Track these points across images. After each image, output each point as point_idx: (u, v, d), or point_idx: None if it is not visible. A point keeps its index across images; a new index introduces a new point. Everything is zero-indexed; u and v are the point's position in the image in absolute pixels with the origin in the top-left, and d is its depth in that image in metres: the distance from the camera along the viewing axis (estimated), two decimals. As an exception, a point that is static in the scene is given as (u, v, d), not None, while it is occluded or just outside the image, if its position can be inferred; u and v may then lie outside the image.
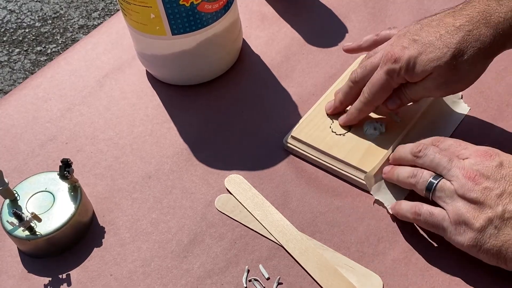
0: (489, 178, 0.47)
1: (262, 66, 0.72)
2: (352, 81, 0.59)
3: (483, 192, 0.47)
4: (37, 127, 0.68)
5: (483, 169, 0.48)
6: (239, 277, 0.53)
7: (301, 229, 0.55)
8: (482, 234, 0.46)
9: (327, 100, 0.63)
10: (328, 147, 0.59)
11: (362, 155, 0.58)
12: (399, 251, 0.53)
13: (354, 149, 0.58)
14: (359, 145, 0.59)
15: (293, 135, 0.61)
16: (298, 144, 0.61)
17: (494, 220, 0.46)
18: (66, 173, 0.55)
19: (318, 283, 0.51)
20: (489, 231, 0.46)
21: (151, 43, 0.64)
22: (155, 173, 0.61)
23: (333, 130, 0.61)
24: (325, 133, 0.61)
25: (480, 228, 0.46)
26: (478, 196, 0.47)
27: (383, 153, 0.57)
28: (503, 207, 0.46)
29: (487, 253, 0.47)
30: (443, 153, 0.51)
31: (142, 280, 0.53)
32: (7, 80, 1.95)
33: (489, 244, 0.46)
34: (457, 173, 0.49)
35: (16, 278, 0.54)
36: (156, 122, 0.67)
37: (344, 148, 0.59)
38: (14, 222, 0.53)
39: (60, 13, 2.18)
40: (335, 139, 0.60)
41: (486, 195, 0.47)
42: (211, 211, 0.58)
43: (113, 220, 0.58)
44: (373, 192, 0.56)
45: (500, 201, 0.46)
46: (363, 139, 0.59)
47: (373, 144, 0.59)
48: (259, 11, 0.79)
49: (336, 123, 0.61)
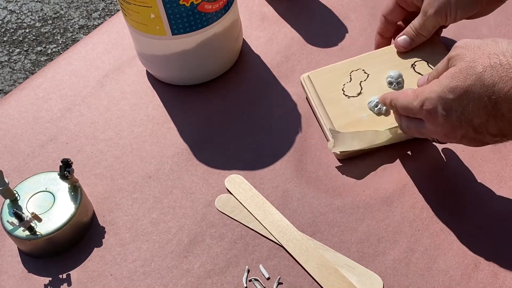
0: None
1: (262, 66, 0.72)
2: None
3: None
4: (37, 127, 0.68)
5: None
6: (239, 277, 0.53)
7: (301, 229, 0.55)
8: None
9: (360, 59, 0.65)
10: (329, 102, 0.61)
11: (348, 123, 0.59)
12: (399, 251, 0.53)
13: (347, 114, 0.60)
14: (354, 113, 0.60)
15: (310, 75, 0.63)
16: (309, 84, 0.64)
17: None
18: (66, 173, 0.55)
19: (318, 283, 0.51)
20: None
21: (151, 43, 0.64)
22: (155, 173, 0.61)
23: (343, 89, 0.62)
24: (335, 89, 0.62)
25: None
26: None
27: (364, 128, 0.59)
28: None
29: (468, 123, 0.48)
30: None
31: (142, 280, 0.53)
32: (7, 80, 1.95)
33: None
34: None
35: (16, 278, 0.54)
36: (156, 122, 0.67)
37: (339, 108, 0.61)
38: (14, 222, 0.53)
39: (60, 13, 2.18)
40: (339, 97, 0.62)
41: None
42: (211, 211, 0.58)
43: (113, 220, 0.58)
44: (332, 143, 0.59)
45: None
46: (361, 110, 0.61)
47: (367, 118, 0.60)
48: (259, 11, 0.79)
49: (349, 85, 0.62)
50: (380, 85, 0.62)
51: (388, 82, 0.62)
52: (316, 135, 0.63)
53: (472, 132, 0.48)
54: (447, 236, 0.54)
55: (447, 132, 0.49)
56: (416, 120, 0.52)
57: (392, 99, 0.55)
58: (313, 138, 0.63)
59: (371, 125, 0.59)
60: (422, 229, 0.54)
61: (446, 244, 0.53)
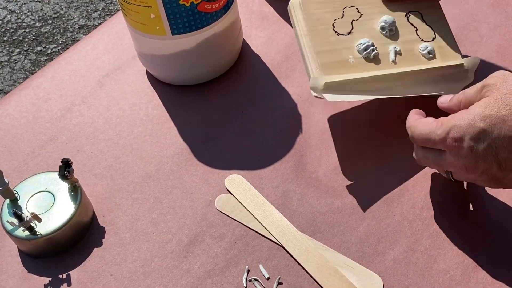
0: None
1: (262, 66, 0.72)
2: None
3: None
4: (37, 127, 0.68)
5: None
6: (239, 277, 0.53)
7: (301, 229, 0.55)
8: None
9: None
10: (316, 35, 0.58)
11: (333, 62, 0.57)
12: (399, 251, 0.53)
13: (333, 52, 0.58)
14: (341, 53, 0.58)
15: (301, 1, 0.60)
16: (298, 12, 0.60)
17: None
18: (66, 173, 0.55)
19: (318, 283, 0.51)
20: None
21: (151, 43, 0.64)
22: (155, 173, 0.61)
23: (334, 25, 0.60)
24: (325, 22, 0.60)
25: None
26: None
27: (350, 72, 0.57)
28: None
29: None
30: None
31: (142, 280, 0.53)
32: (7, 80, 1.95)
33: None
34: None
35: (16, 278, 0.54)
36: (156, 122, 0.67)
37: (326, 45, 0.58)
38: (14, 222, 0.53)
39: (60, 13, 2.18)
40: (328, 33, 0.59)
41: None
42: (211, 211, 0.58)
43: (113, 220, 0.58)
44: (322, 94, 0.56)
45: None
46: (349, 51, 0.58)
47: (355, 61, 0.58)
48: (259, 11, 0.79)
49: (340, 21, 0.60)
50: (371, 28, 0.61)
51: (381, 27, 0.61)
52: (316, 135, 0.63)
53: (496, 168, 0.46)
54: (447, 236, 0.53)
55: (469, 165, 0.47)
56: (435, 150, 0.50)
57: (409, 127, 0.52)
58: (313, 138, 0.63)
59: (357, 69, 0.57)
60: (422, 229, 0.54)
61: (446, 244, 0.53)
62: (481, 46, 0.70)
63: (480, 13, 0.75)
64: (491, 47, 0.70)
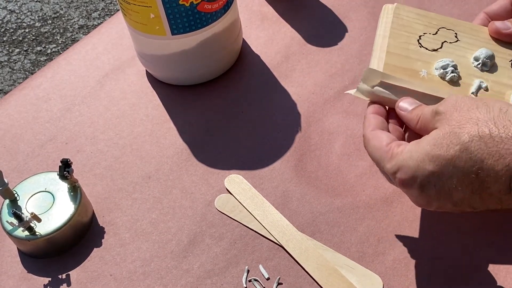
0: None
1: (262, 66, 0.72)
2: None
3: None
4: (37, 127, 0.67)
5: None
6: (239, 277, 0.53)
7: (301, 229, 0.55)
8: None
9: (459, 22, 0.55)
10: (396, 37, 0.53)
11: (400, 67, 0.50)
12: (399, 251, 0.53)
13: (405, 59, 0.51)
14: (413, 62, 0.51)
15: (396, 5, 0.55)
16: (388, 15, 0.55)
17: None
18: (66, 173, 0.55)
19: (318, 283, 0.51)
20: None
21: (151, 43, 0.64)
22: (155, 173, 0.61)
23: (421, 37, 0.53)
24: (411, 31, 0.54)
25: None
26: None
27: (418, 86, 0.49)
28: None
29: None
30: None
31: (142, 280, 0.53)
32: (7, 80, 1.95)
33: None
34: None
35: (16, 278, 0.54)
36: (156, 122, 0.67)
37: (402, 49, 0.52)
38: (13, 222, 0.53)
39: (60, 13, 2.18)
40: (410, 41, 0.53)
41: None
42: (211, 211, 0.58)
43: (113, 220, 0.58)
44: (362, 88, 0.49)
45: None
46: (424, 64, 0.51)
47: (426, 76, 0.50)
48: (259, 11, 0.79)
49: (430, 37, 0.53)
50: (463, 55, 0.52)
51: (474, 57, 0.52)
52: (316, 135, 0.63)
53: (451, 206, 0.42)
54: (447, 236, 0.53)
55: (422, 203, 0.44)
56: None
57: (363, 135, 0.47)
58: (313, 138, 0.63)
59: (426, 85, 0.49)
60: (422, 229, 0.54)
61: (446, 244, 0.53)
62: (481, 46, 0.70)
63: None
64: (491, 47, 0.70)
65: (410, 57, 0.51)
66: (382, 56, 0.51)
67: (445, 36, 0.54)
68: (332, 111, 0.65)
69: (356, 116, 0.64)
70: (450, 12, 0.75)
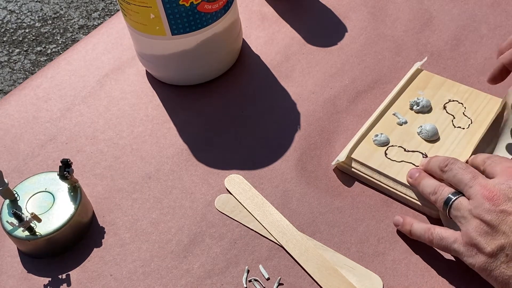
0: (510, 200, 0.43)
1: (262, 66, 0.72)
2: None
3: (499, 215, 0.43)
4: (37, 127, 0.67)
5: (506, 189, 0.44)
6: (239, 277, 0.53)
7: (301, 229, 0.55)
8: (493, 260, 0.44)
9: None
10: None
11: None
12: (399, 251, 0.53)
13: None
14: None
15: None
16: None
17: (506, 248, 0.43)
18: (66, 173, 0.55)
19: (318, 284, 0.51)
20: (500, 258, 0.43)
21: (151, 43, 0.64)
22: (155, 173, 0.61)
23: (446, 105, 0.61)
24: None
25: (491, 253, 0.44)
26: (492, 218, 0.44)
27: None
28: None
29: (495, 279, 0.44)
30: (469, 170, 0.47)
31: (142, 280, 0.53)
32: (7, 80, 1.95)
33: (498, 271, 0.44)
34: (477, 191, 0.45)
35: (16, 278, 0.54)
36: (156, 122, 0.67)
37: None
38: (14, 222, 0.53)
39: (60, 13, 2.18)
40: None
41: (501, 219, 0.43)
42: (211, 211, 0.58)
43: (113, 220, 0.58)
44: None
45: None
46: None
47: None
48: (259, 11, 0.79)
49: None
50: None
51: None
52: (316, 134, 0.63)
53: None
54: (447, 236, 0.53)
55: (479, 269, 0.45)
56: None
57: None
58: (312, 137, 0.63)
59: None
60: (422, 229, 0.54)
61: (446, 244, 0.53)
62: (481, 46, 0.70)
63: (480, 13, 0.75)
64: (491, 47, 0.70)
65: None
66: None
67: (456, 109, 0.61)
68: (332, 110, 0.65)
69: (356, 116, 0.64)
70: (450, 12, 0.75)
